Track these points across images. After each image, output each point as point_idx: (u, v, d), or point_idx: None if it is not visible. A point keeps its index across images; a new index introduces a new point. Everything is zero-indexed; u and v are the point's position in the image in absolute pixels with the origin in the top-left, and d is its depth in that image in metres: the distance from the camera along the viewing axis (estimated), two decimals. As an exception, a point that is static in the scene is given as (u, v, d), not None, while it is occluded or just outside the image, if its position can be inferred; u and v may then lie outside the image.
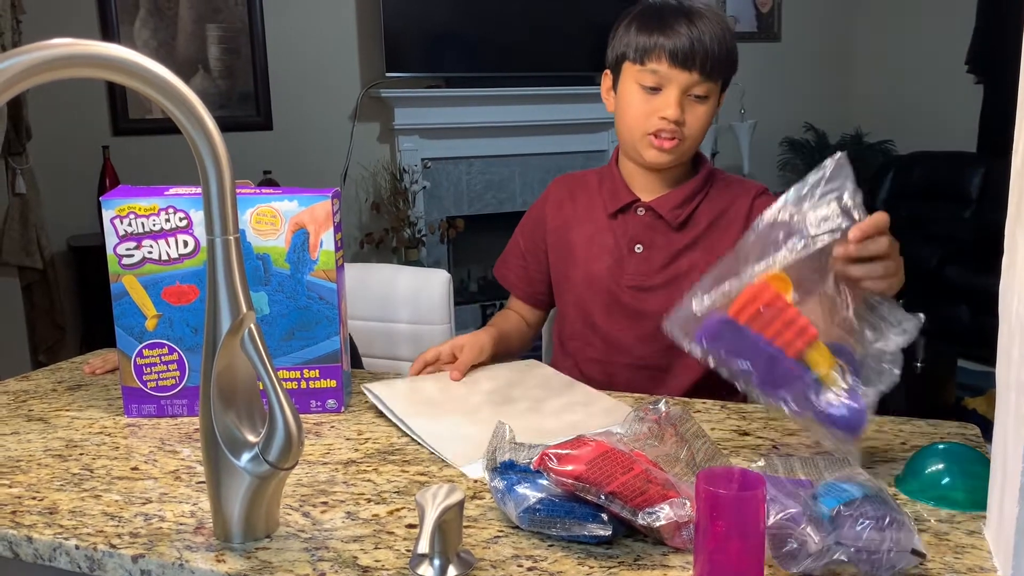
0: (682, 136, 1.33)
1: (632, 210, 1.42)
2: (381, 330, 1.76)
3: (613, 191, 1.44)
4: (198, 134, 0.76)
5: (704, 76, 1.30)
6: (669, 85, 1.31)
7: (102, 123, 3.65)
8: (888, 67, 5.26)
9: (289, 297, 1.18)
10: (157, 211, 1.16)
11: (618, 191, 1.43)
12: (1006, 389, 0.77)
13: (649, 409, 1.01)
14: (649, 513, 0.80)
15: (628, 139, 1.38)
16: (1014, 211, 0.77)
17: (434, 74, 4.19)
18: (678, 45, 1.28)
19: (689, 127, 1.33)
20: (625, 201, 1.42)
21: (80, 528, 0.88)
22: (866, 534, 0.73)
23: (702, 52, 1.28)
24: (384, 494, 0.95)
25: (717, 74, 1.32)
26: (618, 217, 1.43)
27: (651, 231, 1.41)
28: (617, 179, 1.44)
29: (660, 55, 1.30)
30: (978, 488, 0.86)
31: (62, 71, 0.69)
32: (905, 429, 1.10)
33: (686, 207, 1.39)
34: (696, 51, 1.28)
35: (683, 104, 1.31)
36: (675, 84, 1.30)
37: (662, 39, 1.29)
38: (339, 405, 1.21)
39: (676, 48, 1.28)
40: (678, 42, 1.28)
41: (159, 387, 1.20)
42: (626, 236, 1.42)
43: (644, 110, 1.33)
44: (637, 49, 1.32)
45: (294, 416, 0.81)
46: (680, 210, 1.39)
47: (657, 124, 1.32)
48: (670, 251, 1.40)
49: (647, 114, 1.33)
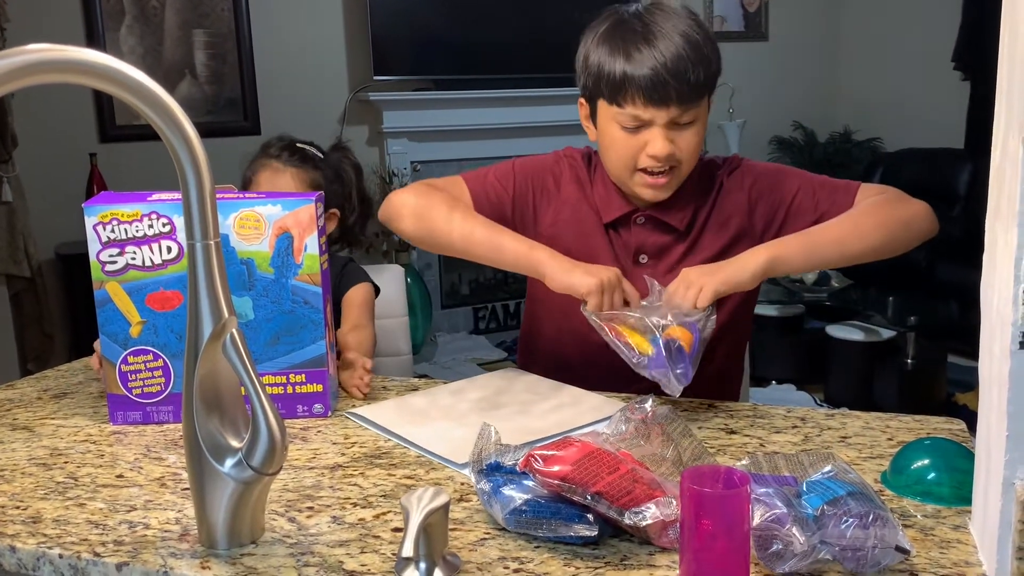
0: (676, 163, 1.27)
1: (631, 220, 1.36)
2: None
3: (607, 200, 1.36)
4: (176, 138, 0.76)
5: (685, 106, 1.23)
6: (651, 124, 1.24)
7: (89, 130, 3.63)
8: (875, 65, 5.27)
9: (274, 302, 1.17)
10: (140, 217, 1.16)
11: (612, 200, 1.36)
12: (988, 384, 0.77)
13: (635, 408, 1.01)
14: (635, 513, 0.80)
15: (618, 174, 1.32)
16: (994, 207, 0.77)
17: (422, 76, 4.18)
18: (650, 81, 1.20)
19: (682, 153, 1.26)
20: (620, 212, 1.35)
21: (64, 537, 0.87)
22: (850, 532, 0.73)
23: (676, 83, 1.20)
24: (370, 498, 0.95)
25: (698, 97, 1.25)
26: (617, 229, 1.36)
27: (655, 238, 1.35)
28: (611, 187, 1.36)
29: (634, 97, 1.22)
30: (964, 483, 0.86)
31: (38, 76, 0.69)
32: (892, 425, 1.10)
33: (688, 208, 1.34)
34: (669, 83, 1.20)
35: (670, 136, 1.24)
36: (657, 122, 1.24)
37: (632, 71, 1.21)
38: (326, 410, 1.21)
39: (648, 88, 1.20)
40: (650, 76, 1.20)
41: (144, 394, 1.20)
42: (628, 248, 1.36)
43: (630, 150, 1.26)
44: (608, 89, 1.24)
45: (277, 421, 0.80)
46: (684, 212, 1.34)
47: (646, 162, 1.26)
48: (679, 254, 1.35)
49: (633, 153, 1.26)
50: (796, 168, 1.42)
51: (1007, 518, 0.70)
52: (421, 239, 1.33)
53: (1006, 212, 0.71)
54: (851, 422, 1.12)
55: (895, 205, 1.30)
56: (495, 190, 1.39)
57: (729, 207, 1.36)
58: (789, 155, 5.33)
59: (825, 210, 1.32)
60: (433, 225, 1.30)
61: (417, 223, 1.32)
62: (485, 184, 1.39)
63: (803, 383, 3.68)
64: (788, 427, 1.12)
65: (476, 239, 1.27)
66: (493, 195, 1.38)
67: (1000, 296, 0.72)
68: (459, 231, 1.28)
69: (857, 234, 1.25)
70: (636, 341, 1.12)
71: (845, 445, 1.05)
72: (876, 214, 1.28)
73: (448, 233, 1.28)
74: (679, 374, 1.10)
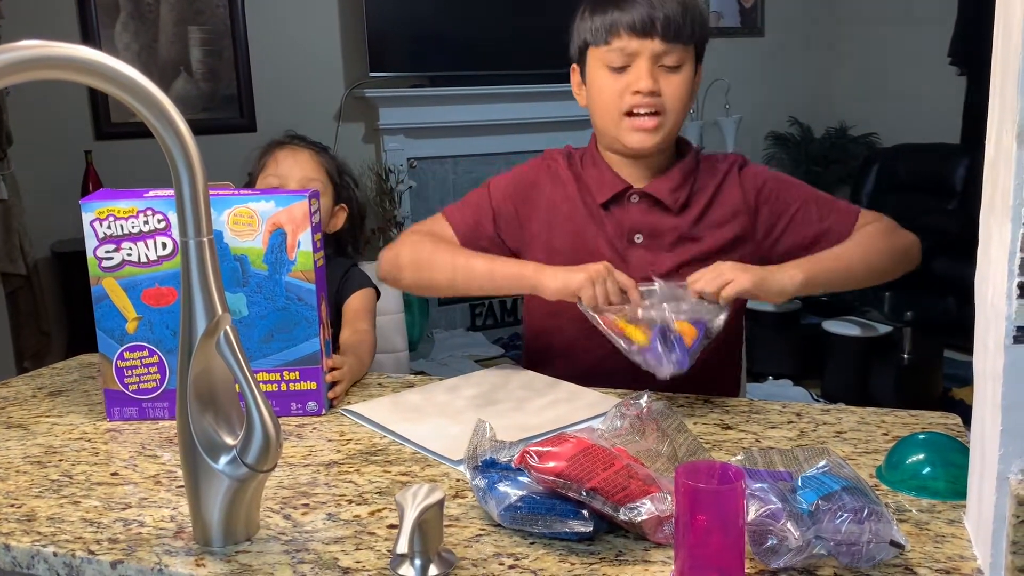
0: (662, 109, 1.28)
1: (625, 199, 1.35)
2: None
3: (600, 179, 1.36)
4: (168, 134, 0.75)
5: (670, 41, 1.26)
6: (637, 58, 1.27)
7: (84, 127, 3.62)
8: (871, 60, 5.28)
9: (267, 298, 1.17)
10: (135, 213, 1.15)
11: (605, 179, 1.36)
12: (983, 378, 0.77)
13: (631, 404, 1.01)
14: (631, 508, 0.80)
15: (606, 127, 1.33)
16: (988, 201, 0.77)
17: (418, 73, 4.17)
18: (636, 16, 1.26)
19: (667, 98, 1.28)
20: (616, 190, 1.34)
21: (59, 535, 0.87)
22: (845, 527, 0.73)
23: (662, 17, 1.25)
24: (366, 495, 0.95)
25: (684, 37, 1.27)
26: (610, 208, 1.36)
27: (649, 218, 1.34)
28: (602, 165, 1.37)
29: (620, 30, 1.26)
30: (959, 477, 0.86)
31: (31, 73, 0.68)
32: (887, 420, 1.11)
33: (683, 188, 1.34)
34: (656, 17, 1.25)
35: (655, 75, 1.27)
36: (642, 55, 1.26)
37: (619, 14, 1.27)
38: (320, 407, 1.21)
39: (635, 19, 1.25)
40: (635, 13, 1.26)
41: (140, 390, 1.19)
42: (622, 227, 1.35)
43: (616, 89, 1.29)
44: (597, 31, 1.29)
45: (271, 418, 0.80)
46: (679, 192, 1.34)
47: (632, 101, 1.27)
48: (674, 236, 1.34)
49: (620, 93, 1.28)
50: (797, 179, 1.43)
51: (1001, 512, 0.70)
52: (424, 288, 1.38)
53: (1000, 207, 0.71)
54: (846, 417, 1.12)
55: (896, 234, 1.34)
56: (475, 216, 1.40)
57: (733, 203, 1.36)
58: (785, 150, 5.34)
59: (828, 227, 1.34)
60: (431, 273, 1.33)
61: (417, 274, 1.35)
62: (464, 214, 1.41)
63: (800, 378, 3.68)
64: (784, 422, 1.12)
65: (473, 274, 1.29)
66: (473, 221, 1.40)
67: (994, 290, 0.72)
68: (455, 271, 1.31)
69: (871, 262, 1.30)
70: (630, 331, 1.13)
71: (840, 440, 1.05)
72: (884, 242, 1.32)
73: (446, 277, 1.31)
74: (675, 360, 1.10)
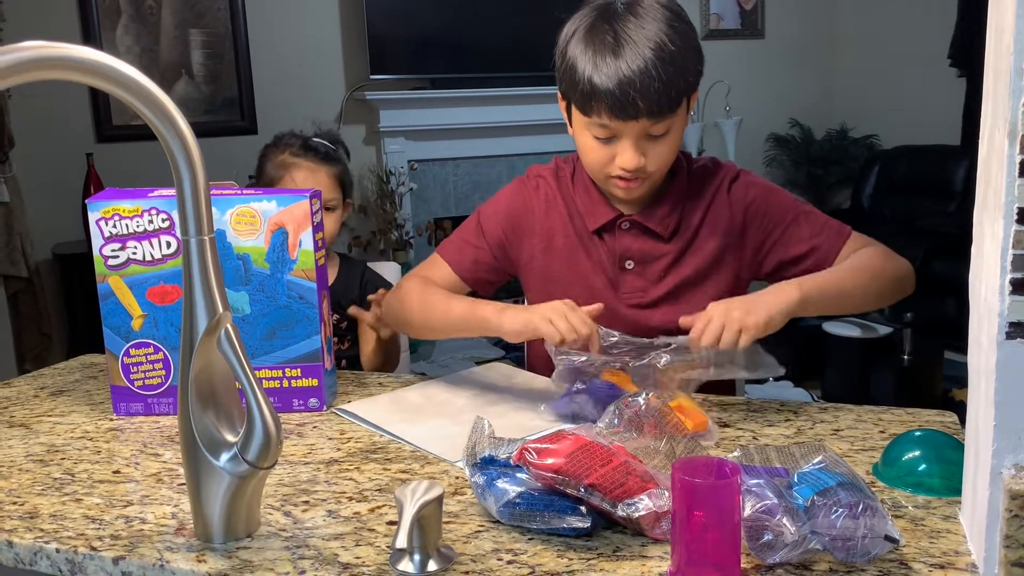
0: (647, 175, 1.25)
1: (616, 226, 1.33)
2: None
3: (591, 207, 1.34)
4: (170, 133, 0.76)
5: (654, 119, 1.19)
6: (621, 135, 1.22)
7: (86, 130, 3.64)
8: (872, 62, 5.28)
9: (269, 297, 1.18)
10: (140, 212, 1.17)
11: (596, 206, 1.34)
12: (976, 375, 0.78)
13: (629, 402, 1.02)
14: (628, 504, 0.80)
15: (593, 176, 1.32)
16: (981, 199, 0.78)
17: (419, 76, 4.18)
18: (615, 99, 1.16)
19: (653, 164, 1.24)
20: (606, 219, 1.33)
21: (61, 532, 0.88)
22: (840, 522, 0.74)
23: (643, 99, 1.16)
24: (366, 492, 0.95)
25: (669, 110, 1.20)
26: (602, 235, 1.34)
27: (640, 244, 1.32)
28: (593, 194, 1.34)
29: (600, 110, 1.19)
30: (954, 474, 0.87)
31: (33, 73, 0.69)
32: (884, 418, 1.11)
33: (674, 215, 1.32)
34: (635, 99, 1.16)
35: (641, 147, 1.22)
36: (626, 134, 1.21)
37: (597, 89, 1.17)
38: (321, 404, 1.21)
39: (614, 103, 1.17)
40: (614, 96, 1.16)
41: (146, 386, 1.21)
42: (613, 254, 1.33)
43: (602, 158, 1.25)
44: (577, 98, 1.22)
45: (272, 415, 0.81)
46: (669, 219, 1.32)
47: (618, 172, 1.24)
48: (666, 263, 1.32)
49: (605, 162, 1.25)
50: (789, 194, 1.39)
51: (995, 507, 0.71)
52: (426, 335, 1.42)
53: (992, 204, 0.72)
54: (843, 415, 1.13)
55: (891, 260, 1.30)
56: (472, 253, 1.39)
57: (721, 220, 1.33)
58: (786, 152, 5.35)
59: (817, 245, 1.31)
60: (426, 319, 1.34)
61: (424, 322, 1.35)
62: (461, 251, 1.40)
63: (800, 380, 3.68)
64: (781, 420, 1.13)
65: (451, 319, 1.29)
66: (471, 258, 1.39)
67: (988, 287, 0.73)
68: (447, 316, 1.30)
69: (867, 287, 1.25)
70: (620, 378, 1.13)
71: (837, 438, 1.06)
72: (880, 269, 1.27)
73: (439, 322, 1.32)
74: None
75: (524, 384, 1.30)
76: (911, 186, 4.82)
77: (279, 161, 1.70)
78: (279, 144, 1.73)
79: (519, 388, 1.29)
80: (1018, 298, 0.68)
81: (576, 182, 1.37)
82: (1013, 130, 0.67)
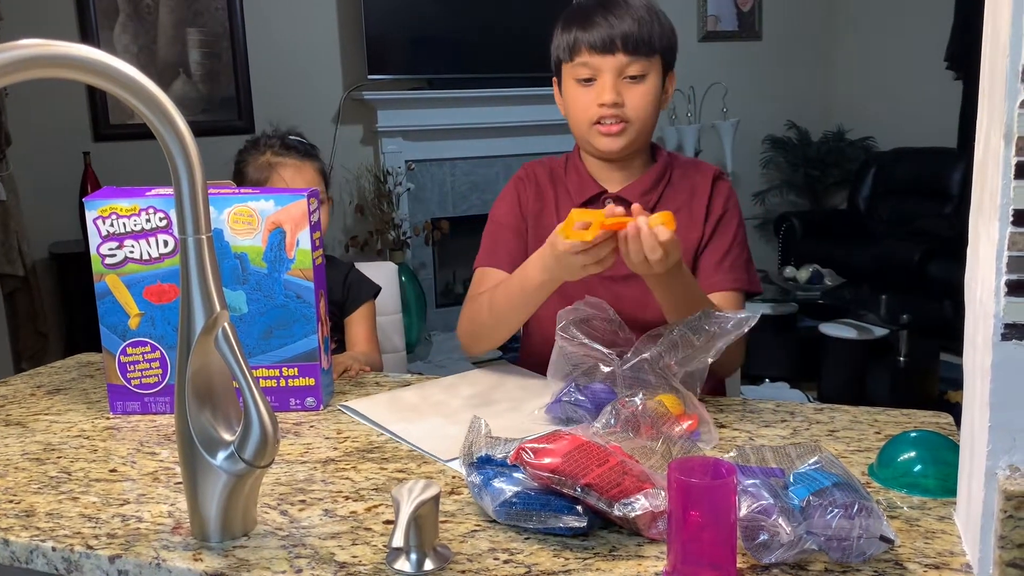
0: (626, 118, 1.35)
1: (600, 201, 1.42)
2: None
3: (579, 183, 1.46)
4: (167, 132, 0.76)
5: (631, 55, 1.33)
6: (601, 73, 1.34)
7: (83, 129, 3.64)
8: (869, 64, 5.30)
9: (267, 296, 1.18)
10: (138, 211, 1.17)
11: (584, 183, 1.45)
12: (972, 375, 0.78)
13: (626, 403, 1.02)
14: (625, 504, 0.80)
15: (579, 134, 1.41)
16: (977, 201, 0.78)
17: (417, 76, 4.19)
18: (597, 35, 1.33)
19: (631, 108, 1.35)
20: (592, 192, 1.44)
21: (57, 530, 0.88)
22: (835, 522, 0.74)
23: (621, 35, 1.32)
24: (362, 491, 0.96)
25: (645, 50, 1.34)
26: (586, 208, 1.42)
27: None
28: (582, 171, 1.46)
29: (583, 48, 1.34)
30: (949, 475, 0.87)
31: (30, 71, 0.69)
32: (880, 419, 1.11)
33: (654, 192, 1.42)
34: (615, 35, 1.32)
35: (619, 88, 1.34)
36: (605, 70, 1.34)
37: (581, 33, 1.34)
38: (318, 403, 1.21)
39: (595, 38, 1.33)
40: (596, 32, 1.33)
41: (143, 385, 1.21)
42: None
43: (584, 102, 1.37)
44: (565, 48, 1.37)
45: (269, 414, 0.81)
46: (649, 195, 1.41)
47: (598, 112, 1.35)
48: None
49: (587, 105, 1.36)
50: (743, 220, 1.47)
51: (990, 507, 0.71)
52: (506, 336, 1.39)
53: (988, 206, 0.72)
54: (839, 416, 1.13)
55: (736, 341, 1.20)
56: (503, 246, 1.45)
57: (697, 213, 1.43)
58: (783, 154, 5.36)
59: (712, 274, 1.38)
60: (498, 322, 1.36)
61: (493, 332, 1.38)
62: (494, 252, 1.46)
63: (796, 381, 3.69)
64: (777, 421, 1.13)
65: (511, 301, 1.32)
66: (505, 249, 1.45)
67: (983, 288, 0.73)
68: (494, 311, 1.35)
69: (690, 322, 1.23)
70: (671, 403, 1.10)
71: (833, 439, 1.06)
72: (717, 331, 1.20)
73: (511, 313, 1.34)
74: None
75: (521, 384, 1.31)
76: (908, 188, 4.83)
77: (262, 162, 1.67)
78: (258, 146, 1.70)
79: (516, 388, 1.29)
80: (1013, 300, 0.69)
81: (569, 166, 1.48)
82: (1009, 132, 0.68)
